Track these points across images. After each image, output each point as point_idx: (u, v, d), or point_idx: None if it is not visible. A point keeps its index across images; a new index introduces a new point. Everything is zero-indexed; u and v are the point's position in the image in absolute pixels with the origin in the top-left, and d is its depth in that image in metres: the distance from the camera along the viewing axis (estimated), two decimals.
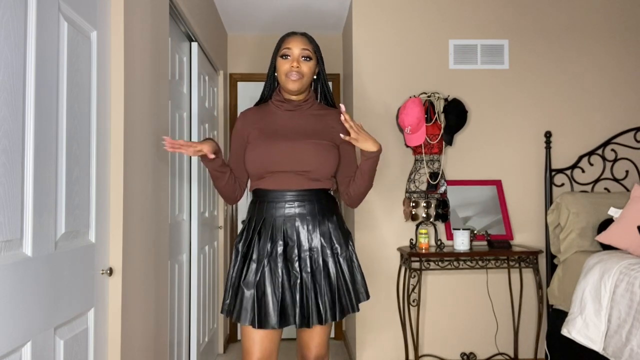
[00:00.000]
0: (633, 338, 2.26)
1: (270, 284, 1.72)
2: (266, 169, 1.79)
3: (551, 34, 3.43)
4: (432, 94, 3.25)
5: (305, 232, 1.77)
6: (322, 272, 1.75)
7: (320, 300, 1.74)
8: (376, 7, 3.39)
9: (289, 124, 1.85)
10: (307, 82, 1.84)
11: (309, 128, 1.85)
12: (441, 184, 3.22)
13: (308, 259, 1.76)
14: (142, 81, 1.98)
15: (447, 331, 3.31)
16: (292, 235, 1.77)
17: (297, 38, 1.84)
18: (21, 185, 1.23)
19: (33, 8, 1.28)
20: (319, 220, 1.79)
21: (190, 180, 2.94)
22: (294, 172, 1.78)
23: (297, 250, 1.76)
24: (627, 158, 3.38)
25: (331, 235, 1.81)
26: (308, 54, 1.82)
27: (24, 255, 1.25)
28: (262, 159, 1.78)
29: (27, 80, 1.26)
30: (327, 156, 1.80)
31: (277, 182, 1.79)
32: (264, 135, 1.83)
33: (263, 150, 1.79)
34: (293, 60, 1.80)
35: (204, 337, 3.17)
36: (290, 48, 1.82)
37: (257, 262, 1.75)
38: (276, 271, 1.74)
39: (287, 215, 1.78)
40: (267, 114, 1.89)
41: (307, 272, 1.75)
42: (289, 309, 1.72)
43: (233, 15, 3.78)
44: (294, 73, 1.80)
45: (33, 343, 1.28)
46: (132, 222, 1.86)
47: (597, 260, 2.66)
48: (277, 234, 1.77)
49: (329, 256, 1.78)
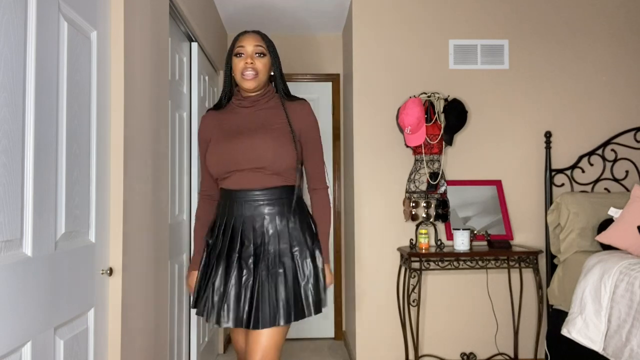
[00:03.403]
0: (633, 338, 2.26)
1: (228, 283, 1.74)
2: (225, 169, 1.79)
3: (551, 34, 3.43)
4: (432, 94, 3.25)
5: (264, 232, 1.77)
6: (277, 273, 1.73)
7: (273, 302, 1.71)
8: (376, 8, 3.40)
9: (246, 121, 1.85)
10: (263, 78, 1.83)
11: (264, 122, 1.83)
12: (441, 184, 3.22)
13: (265, 259, 1.75)
14: (142, 81, 1.98)
15: (447, 331, 3.31)
16: (249, 235, 1.77)
17: (250, 35, 1.84)
18: (21, 185, 1.23)
19: (33, 8, 1.28)
20: (279, 219, 1.78)
21: (190, 180, 2.94)
22: (251, 170, 1.77)
23: (254, 250, 1.76)
24: (627, 158, 3.38)
25: (290, 235, 1.78)
26: (261, 50, 1.82)
27: (24, 255, 1.25)
28: (219, 160, 1.79)
29: (27, 80, 1.26)
30: (282, 149, 1.77)
31: (237, 182, 1.79)
32: (222, 135, 1.83)
33: (220, 150, 1.79)
34: (247, 57, 1.80)
35: (204, 337, 3.17)
36: (243, 46, 1.82)
37: (217, 261, 1.79)
38: (232, 271, 1.75)
39: (246, 215, 1.77)
40: (227, 114, 1.89)
41: (260, 273, 1.73)
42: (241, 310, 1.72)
43: (233, 15, 3.78)
44: (249, 70, 1.79)
45: (33, 343, 1.28)
46: (132, 222, 1.86)
47: (597, 260, 2.66)
48: (236, 234, 1.78)
49: (287, 257, 1.76)
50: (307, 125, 1.86)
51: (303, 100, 1.90)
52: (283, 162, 1.77)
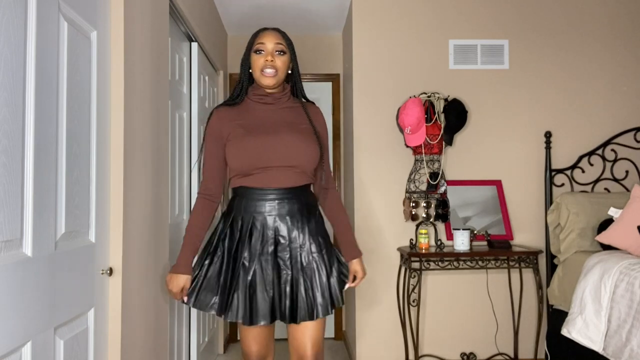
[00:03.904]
0: (633, 338, 2.26)
1: (262, 283, 1.74)
2: (255, 165, 1.76)
3: (551, 34, 3.43)
4: (432, 94, 3.25)
5: (295, 230, 1.79)
6: (312, 268, 1.78)
7: (314, 295, 1.77)
8: (376, 7, 3.40)
9: (271, 118, 1.84)
10: (281, 76, 1.83)
11: (290, 121, 1.84)
12: (441, 184, 3.22)
13: (298, 255, 1.78)
14: (142, 81, 1.98)
15: (447, 331, 3.31)
16: (284, 233, 1.79)
17: (270, 33, 1.83)
18: (21, 185, 1.23)
19: (33, 8, 1.28)
20: (306, 217, 1.81)
21: (190, 180, 2.94)
22: (281, 167, 1.77)
23: (288, 247, 1.78)
24: (627, 158, 3.38)
25: (317, 233, 1.83)
26: (282, 48, 1.81)
27: (24, 255, 1.25)
28: (250, 155, 1.75)
29: (27, 80, 1.26)
30: (310, 149, 1.81)
31: (264, 180, 1.77)
32: (248, 130, 1.79)
33: (246, 146, 1.76)
34: (267, 55, 1.79)
35: (204, 337, 3.17)
36: (263, 43, 1.80)
37: (249, 262, 1.76)
38: (267, 269, 1.75)
39: (277, 214, 1.78)
40: (244, 110, 1.86)
41: (297, 268, 1.77)
42: (277, 306, 1.75)
43: (233, 15, 3.78)
44: (269, 68, 1.78)
45: (33, 343, 1.28)
46: (132, 222, 1.86)
47: (597, 261, 2.66)
48: (268, 233, 1.78)
49: (317, 252, 1.80)
50: (323, 129, 1.94)
51: (314, 104, 1.96)
52: (312, 161, 1.82)
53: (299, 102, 1.92)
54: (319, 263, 1.80)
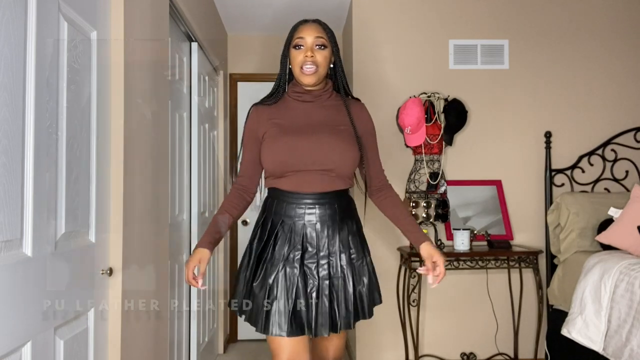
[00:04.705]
0: (633, 338, 2.26)
1: (284, 289, 1.62)
2: (288, 168, 1.66)
3: (551, 34, 3.43)
4: (432, 94, 3.25)
5: (325, 238, 1.68)
6: (339, 278, 1.67)
7: (338, 307, 1.66)
8: (376, 7, 3.39)
9: (309, 117, 1.72)
10: (322, 72, 1.70)
11: (329, 121, 1.72)
12: (441, 184, 3.22)
13: (327, 265, 1.67)
14: (142, 81, 1.98)
15: (447, 331, 3.31)
16: (312, 241, 1.67)
17: (310, 26, 1.71)
18: (21, 185, 1.23)
19: (33, 8, 1.28)
20: (338, 224, 1.69)
21: (190, 180, 2.94)
22: (316, 171, 1.66)
23: (316, 256, 1.67)
24: (627, 158, 3.38)
25: (349, 241, 1.72)
26: (322, 42, 1.69)
27: (24, 255, 1.25)
28: (283, 157, 1.66)
29: (27, 80, 1.26)
30: (349, 152, 1.68)
31: (297, 183, 1.67)
32: (284, 130, 1.69)
33: (280, 147, 1.66)
34: (307, 50, 1.67)
35: (204, 337, 3.17)
36: (303, 37, 1.69)
37: (272, 266, 1.65)
38: (292, 277, 1.64)
39: (307, 219, 1.67)
40: (282, 108, 1.76)
41: (325, 278, 1.65)
42: (303, 317, 1.62)
43: (233, 15, 3.78)
44: (308, 64, 1.66)
45: (33, 343, 1.27)
46: (132, 222, 1.86)
47: (597, 261, 2.66)
48: (295, 238, 1.67)
49: (346, 262, 1.68)
50: (370, 128, 1.83)
51: (359, 100, 1.83)
52: (350, 165, 1.70)
53: (341, 99, 1.78)
54: (347, 274, 1.68)
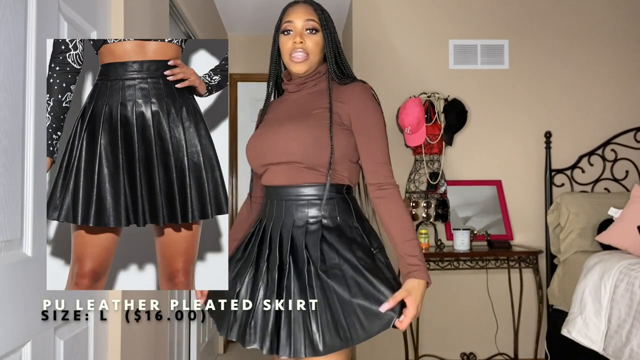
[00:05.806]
0: (633, 338, 2.26)
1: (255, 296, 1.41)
2: (258, 163, 1.51)
3: (551, 34, 3.43)
4: (432, 94, 3.25)
5: (297, 237, 1.43)
6: (312, 288, 1.35)
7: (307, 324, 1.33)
8: (376, 7, 3.39)
9: (289, 108, 1.54)
10: (314, 60, 1.49)
11: (306, 108, 1.49)
12: (441, 184, 3.22)
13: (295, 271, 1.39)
14: None
15: (447, 331, 3.31)
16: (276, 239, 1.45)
17: (300, 7, 1.50)
18: (21, 185, 1.23)
19: (33, 8, 1.28)
20: (324, 227, 1.45)
21: None
22: (282, 164, 1.45)
23: (279, 258, 1.41)
24: (627, 158, 3.37)
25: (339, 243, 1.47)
26: (313, 26, 1.48)
27: (24, 255, 1.25)
28: (250, 153, 1.53)
29: (27, 80, 1.26)
30: (310, 136, 1.41)
31: (270, 178, 1.49)
32: (260, 126, 1.58)
33: (251, 142, 1.54)
34: (295, 35, 1.47)
35: (204, 337, 3.17)
36: (291, 21, 1.48)
37: (244, 268, 1.48)
38: (259, 282, 1.42)
39: (275, 215, 1.47)
40: (274, 103, 1.63)
41: (290, 287, 1.37)
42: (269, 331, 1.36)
43: (233, 15, 3.78)
44: (298, 51, 1.47)
45: (33, 343, 1.27)
46: None
47: (597, 260, 2.66)
48: (265, 238, 1.47)
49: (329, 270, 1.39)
50: (359, 110, 1.48)
51: (360, 81, 1.54)
52: (313, 154, 1.41)
53: (335, 83, 1.52)
54: (325, 283, 1.36)
